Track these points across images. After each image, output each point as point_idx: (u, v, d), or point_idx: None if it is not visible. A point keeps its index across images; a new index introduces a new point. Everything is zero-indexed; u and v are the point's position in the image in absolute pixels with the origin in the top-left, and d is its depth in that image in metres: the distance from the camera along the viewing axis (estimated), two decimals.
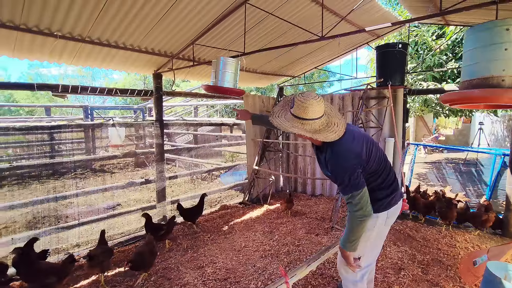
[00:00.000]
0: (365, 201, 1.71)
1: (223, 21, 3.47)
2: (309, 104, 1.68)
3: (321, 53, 5.38)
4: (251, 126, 5.70)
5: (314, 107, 1.69)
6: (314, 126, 1.73)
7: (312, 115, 1.71)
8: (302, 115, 1.71)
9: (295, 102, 1.73)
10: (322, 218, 4.65)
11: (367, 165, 1.81)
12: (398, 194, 2.00)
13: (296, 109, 1.73)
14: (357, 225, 1.73)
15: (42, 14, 2.70)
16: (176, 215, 4.88)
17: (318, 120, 1.73)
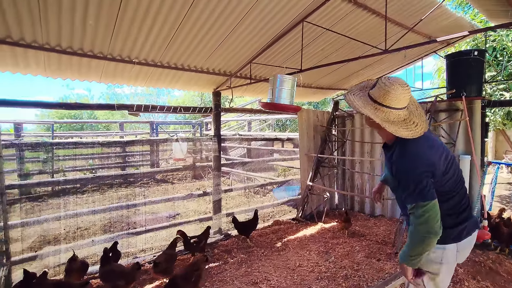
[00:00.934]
0: (432, 216, 1.44)
1: (280, 39, 3.56)
2: (392, 88, 1.47)
3: (380, 65, 5.13)
4: (304, 141, 5.63)
5: (398, 94, 1.47)
6: (388, 115, 1.51)
7: (391, 103, 1.49)
8: (380, 99, 1.51)
9: (378, 83, 1.52)
10: (384, 241, 4.28)
11: (441, 182, 1.54)
12: (472, 223, 1.67)
13: (376, 91, 1.52)
14: (419, 242, 1.48)
15: (125, 45, 3.11)
16: (231, 228, 5.01)
17: (395, 111, 1.51)
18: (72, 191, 5.13)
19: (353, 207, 6.00)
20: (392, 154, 1.61)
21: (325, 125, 5.87)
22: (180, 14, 2.78)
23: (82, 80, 3.65)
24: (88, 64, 3.28)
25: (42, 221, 3.55)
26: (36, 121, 15.47)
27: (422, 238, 1.47)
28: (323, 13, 3.20)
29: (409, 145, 1.55)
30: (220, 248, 4.24)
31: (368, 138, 5.60)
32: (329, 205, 5.98)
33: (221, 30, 3.16)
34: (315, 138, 5.83)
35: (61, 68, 3.26)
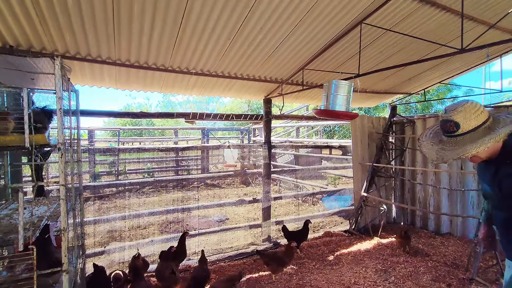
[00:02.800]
0: None
1: (335, 44, 3.42)
2: (467, 107, 1.43)
3: (448, 65, 4.61)
4: (358, 148, 5.31)
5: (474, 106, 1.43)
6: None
7: (479, 118, 1.42)
8: (473, 124, 1.42)
9: (451, 117, 1.45)
10: (454, 264, 3.78)
11: None
12: None
13: (462, 120, 1.44)
14: None
15: (184, 57, 3.29)
16: (280, 236, 4.92)
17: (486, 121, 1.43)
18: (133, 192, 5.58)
19: (414, 222, 5.46)
20: (498, 167, 1.46)
21: (381, 132, 5.48)
22: (235, 26, 2.85)
23: (146, 91, 3.96)
24: (151, 76, 3.55)
25: (110, 220, 3.90)
26: (106, 128, 17.38)
27: None
28: (384, 13, 2.98)
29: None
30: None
31: None
32: (386, 219, 5.53)
33: (274, 39, 3.15)
34: (370, 146, 5.47)
35: (129, 80, 3.58)
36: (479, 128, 1.43)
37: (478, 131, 1.43)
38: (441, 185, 4.93)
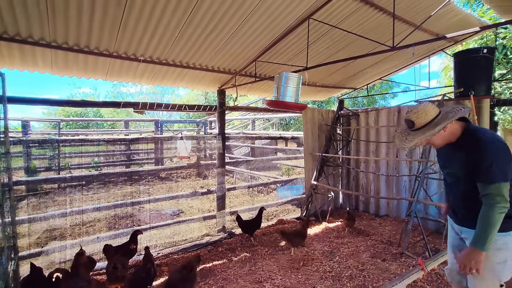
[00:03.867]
0: (507, 196, 1.65)
1: (285, 37, 3.53)
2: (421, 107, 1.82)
3: (387, 63, 5.07)
4: (309, 140, 5.60)
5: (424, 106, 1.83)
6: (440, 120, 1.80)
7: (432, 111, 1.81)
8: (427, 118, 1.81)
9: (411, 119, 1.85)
10: (389, 241, 4.24)
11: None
12: None
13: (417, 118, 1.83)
14: (499, 218, 1.64)
15: (130, 43, 3.11)
16: (235, 226, 5.00)
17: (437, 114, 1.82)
18: (77, 188, 5.15)
19: (357, 207, 5.96)
20: (459, 147, 1.83)
21: (330, 124, 5.83)
22: (186, 12, 2.78)
23: (88, 78, 3.66)
24: (94, 61, 3.30)
25: (48, 217, 3.58)
26: (43, 119, 15.60)
27: (500, 215, 1.64)
28: (330, 10, 3.17)
29: (483, 132, 1.77)
30: (223, 246, 4.24)
31: (374, 138, 5.55)
32: (333, 205, 5.95)
33: (226, 28, 3.15)
34: (320, 137, 5.80)
35: (68, 65, 3.28)
36: (429, 123, 1.82)
37: (428, 126, 1.82)
38: (380, 172, 5.45)
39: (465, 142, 1.80)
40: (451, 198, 2.04)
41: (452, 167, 1.93)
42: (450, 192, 2.04)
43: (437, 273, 3.23)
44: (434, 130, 1.77)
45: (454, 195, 1.99)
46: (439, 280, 3.12)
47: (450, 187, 2.02)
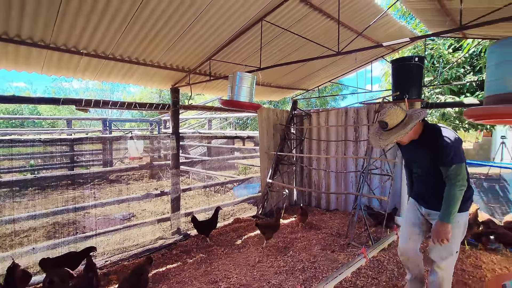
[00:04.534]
0: (465, 175, 2.06)
1: (239, 37, 3.56)
2: (391, 110, 2.14)
3: (335, 67, 5.40)
4: (264, 139, 5.72)
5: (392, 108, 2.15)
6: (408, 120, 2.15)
7: (402, 114, 2.14)
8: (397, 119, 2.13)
9: (384, 119, 2.14)
10: (338, 233, 4.53)
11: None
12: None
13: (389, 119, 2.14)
14: (460, 195, 2.03)
15: (71, 34, 2.86)
16: (190, 228, 4.90)
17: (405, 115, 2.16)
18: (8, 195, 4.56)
19: (310, 203, 6.26)
20: (422, 142, 2.18)
21: (284, 123, 6.03)
22: (134, 6, 2.64)
23: (20, 71, 3.27)
24: (27, 52, 2.96)
25: None
26: None
27: (461, 191, 2.03)
28: (282, 13, 3.27)
29: (441, 130, 2.12)
30: (178, 248, 4.12)
31: (324, 136, 5.88)
32: (288, 202, 6.17)
33: (178, 25, 3.07)
34: (275, 137, 5.96)
35: None
36: (399, 124, 2.15)
37: (399, 126, 2.14)
38: (330, 169, 5.80)
39: (427, 137, 2.16)
40: (420, 187, 2.42)
41: (420, 160, 2.29)
42: (420, 182, 2.41)
43: (377, 260, 3.55)
44: (406, 129, 2.09)
45: (424, 184, 2.36)
46: (379, 266, 3.43)
47: (420, 178, 2.38)
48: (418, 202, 2.46)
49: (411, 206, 2.52)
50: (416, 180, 2.45)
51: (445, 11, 3.29)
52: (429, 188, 2.31)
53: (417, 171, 2.37)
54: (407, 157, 2.46)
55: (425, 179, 2.33)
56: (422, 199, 2.40)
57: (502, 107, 1.65)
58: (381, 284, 3.04)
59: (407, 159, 2.49)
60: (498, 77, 1.72)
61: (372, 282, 3.10)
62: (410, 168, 2.51)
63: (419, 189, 2.44)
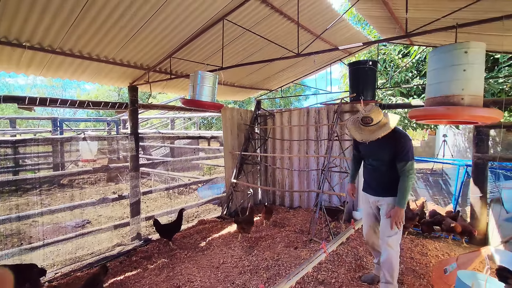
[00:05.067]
0: (415, 170, 2.49)
1: (201, 35, 3.50)
2: (374, 108, 2.48)
3: (297, 68, 5.56)
4: (229, 139, 5.69)
5: (375, 108, 2.49)
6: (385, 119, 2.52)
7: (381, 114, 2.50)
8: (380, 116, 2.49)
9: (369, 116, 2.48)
10: (301, 230, 4.66)
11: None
12: None
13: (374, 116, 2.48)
14: (411, 185, 2.46)
15: (12, 24, 2.58)
16: (152, 232, 4.71)
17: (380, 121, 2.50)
18: None
19: (275, 201, 6.36)
20: (388, 139, 2.50)
21: (248, 123, 6.05)
22: None
23: None
24: None
25: None
26: None
27: (411, 183, 2.47)
28: (243, 13, 3.28)
29: (402, 132, 2.56)
30: (138, 255, 3.93)
31: (287, 136, 6.02)
32: (253, 201, 6.21)
33: (135, 19, 2.92)
34: (239, 136, 5.96)
35: None
36: (380, 121, 2.47)
37: (380, 123, 2.48)
38: (293, 168, 5.95)
39: (392, 136, 2.51)
40: (373, 178, 2.74)
41: (380, 154, 2.63)
42: (372, 173, 2.74)
43: (337, 253, 3.72)
44: (388, 126, 2.45)
45: (377, 175, 2.70)
46: (339, 259, 3.60)
47: (374, 169, 2.71)
48: (367, 192, 2.81)
49: (363, 199, 2.87)
50: (369, 172, 2.77)
51: (395, 19, 3.55)
52: (380, 178, 2.68)
53: (374, 164, 2.69)
54: (368, 150, 2.72)
55: (379, 171, 2.67)
56: (372, 189, 2.75)
57: (440, 109, 1.82)
58: (340, 276, 3.19)
59: (366, 152, 2.76)
60: (436, 81, 1.90)
61: (332, 275, 3.24)
62: (366, 160, 2.82)
63: (370, 179, 2.77)
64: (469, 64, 1.80)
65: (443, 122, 2.23)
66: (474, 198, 4.12)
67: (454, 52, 1.85)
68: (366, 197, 2.83)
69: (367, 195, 2.82)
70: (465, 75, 1.82)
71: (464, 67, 1.82)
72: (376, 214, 2.81)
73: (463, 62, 1.82)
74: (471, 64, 1.81)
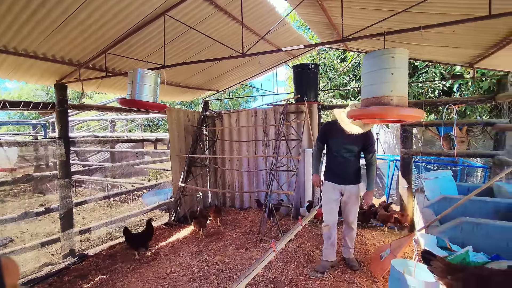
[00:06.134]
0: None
1: (141, 30, 3.26)
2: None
3: (244, 69, 5.58)
4: (175, 141, 5.44)
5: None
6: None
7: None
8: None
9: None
10: (251, 231, 4.68)
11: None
12: None
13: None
14: (375, 171, 3.05)
15: None
16: (89, 246, 4.25)
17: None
18: None
19: (225, 203, 6.29)
20: (361, 134, 2.82)
21: (196, 125, 5.87)
22: None
23: None
24: None
25: None
26: None
27: (375, 170, 3.03)
28: (186, 9, 3.15)
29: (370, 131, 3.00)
30: (72, 273, 3.50)
31: (236, 137, 6.00)
32: (202, 204, 6.04)
33: (62, 5, 2.57)
34: (187, 138, 5.74)
35: None
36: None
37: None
38: (243, 169, 5.95)
39: (365, 132, 2.83)
40: (342, 168, 3.09)
41: (352, 147, 2.99)
42: (342, 164, 3.08)
43: (286, 251, 3.81)
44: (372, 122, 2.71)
45: (347, 165, 3.07)
46: (288, 256, 3.69)
47: (345, 160, 3.06)
48: (334, 181, 3.15)
49: (328, 188, 3.18)
50: (339, 163, 3.11)
51: (332, 25, 3.79)
52: (349, 168, 3.09)
53: (345, 155, 3.05)
54: (341, 143, 3.03)
55: (349, 162, 3.07)
56: (341, 178, 3.11)
57: (373, 108, 1.98)
58: (290, 272, 3.27)
59: (340, 145, 3.05)
60: (369, 83, 2.06)
61: (281, 272, 3.30)
62: (336, 152, 3.12)
63: (339, 170, 3.12)
64: (396, 68, 1.99)
65: (377, 121, 2.44)
66: (402, 189, 4.63)
67: (383, 57, 2.02)
68: (332, 185, 3.15)
69: (334, 184, 3.14)
70: (393, 78, 2.00)
71: (392, 70, 2.00)
72: (339, 200, 3.19)
73: (391, 66, 2.00)
74: (397, 68, 2.00)
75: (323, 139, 3.21)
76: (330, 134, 3.10)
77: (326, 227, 3.26)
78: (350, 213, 3.20)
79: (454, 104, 4.26)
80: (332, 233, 3.26)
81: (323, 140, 3.22)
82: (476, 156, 4.87)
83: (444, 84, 6.63)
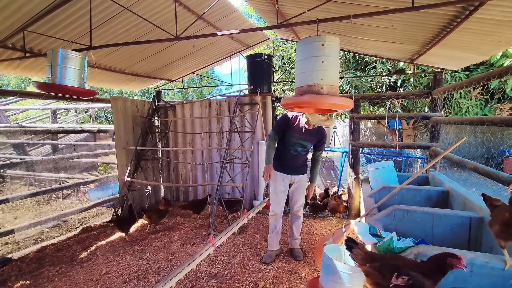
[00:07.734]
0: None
1: (66, 5, 2.88)
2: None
3: (195, 58, 5.33)
4: (121, 133, 5.06)
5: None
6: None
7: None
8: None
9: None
10: (201, 225, 4.53)
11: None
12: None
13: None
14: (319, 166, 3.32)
15: None
16: (14, 249, 3.81)
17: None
18: None
19: (178, 197, 6.05)
20: (316, 131, 3.04)
21: (145, 115, 5.51)
22: None
23: None
24: None
25: None
26: None
27: (320, 165, 3.31)
28: None
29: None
30: None
31: (190, 129, 5.76)
32: (154, 199, 5.75)
33: None
34: (135, 130, 5.38)
35: None
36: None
37: (328, 114, 2.76)
38: (197, 162, 5.74)
39: (319, 128, 3.03)
40: (294, 160, 3.17)
41: (307, 143, 3.06)
42: (294, 157, 3.15)
43: (234, 244, 3.73)
44: (332, 117, 3.00)
45: (298, 158, 3.17)
46: (235, 249, 3.61)
47: (297, 154, 3.13)
48: (284, 172, 3.21)
49: (277, 178, 3.22)
50: (291, 156, 3.15)
51: (281, 14, 3.71)
52: (299, 161, 3.21)
53: (299, 150, 3.11)
54: (297, 138, 3.05)
55: (300, 155, 3.16)
56: (291, 169, 3.20)
57: (304, 97, 1.93)
58: (234, 266, 3.19)
59: (294, 139, 3.06)
60: (301, 71, 2.01)
61: (226, 266, 3.21)
62: (290, 146, 3.11)
63: (290, 161, 3.19)
64: (326, 56, 1.95)
65: (310, 110, 2.40)
66: (351, 179, 4.78)
67: (314, 44, 1.97)
68: (281, 175, 3.22)
69: (283, 174, 3.22)
70: (323, 66, 1.96)
71: (322, 58, 1.95)
72: (287, 190, 3.30)
73: (321, 54, 1.95)
74: (327, 56, 1.96)
75: (279, 130, 3.12)
76: (288, 127, 3.06)
77: (273, 216, 3.29)
78: (297, 201, 3.31)
79: (397, 98, 4.45)
80: (278, 222, 3.32)
81: (279, 132, 3.13)
82: (415, 148, 5.17)
83: (391, 80, 6.96)
